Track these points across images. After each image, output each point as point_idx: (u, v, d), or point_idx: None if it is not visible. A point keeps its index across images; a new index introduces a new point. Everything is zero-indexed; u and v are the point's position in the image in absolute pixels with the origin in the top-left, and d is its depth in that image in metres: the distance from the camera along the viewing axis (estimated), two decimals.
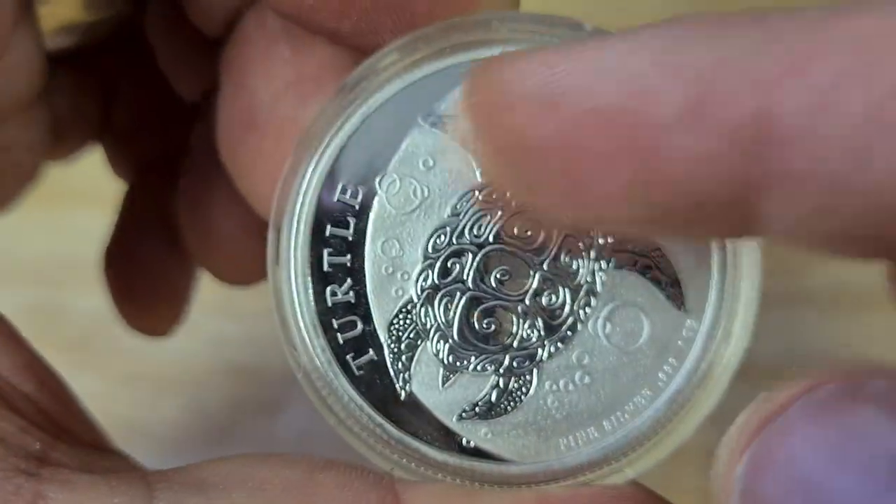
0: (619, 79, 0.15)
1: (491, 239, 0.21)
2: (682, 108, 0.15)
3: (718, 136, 0.15)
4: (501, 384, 0.21)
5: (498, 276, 0.21)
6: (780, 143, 0.15)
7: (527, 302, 0.21)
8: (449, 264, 0.21)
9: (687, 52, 0.15)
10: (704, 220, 0.16)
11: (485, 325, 0.21)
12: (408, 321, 0.21)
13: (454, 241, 0.21)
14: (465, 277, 0.21)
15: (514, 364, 0.21)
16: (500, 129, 0.17)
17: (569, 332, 0.21)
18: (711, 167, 0.15)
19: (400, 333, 0.21)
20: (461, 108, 0.17)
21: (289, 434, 0.40)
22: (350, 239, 0.21)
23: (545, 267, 0.21)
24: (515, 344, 0.21)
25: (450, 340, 0.21)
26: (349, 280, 0.21)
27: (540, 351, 0.21)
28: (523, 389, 0.21)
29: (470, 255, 0.21)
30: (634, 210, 0.16)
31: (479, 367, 0.21)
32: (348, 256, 0.21)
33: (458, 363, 0.21)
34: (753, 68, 0.15)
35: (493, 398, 0.21)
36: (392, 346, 0.21)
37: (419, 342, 0.21)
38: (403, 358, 0.21)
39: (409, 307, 0.21)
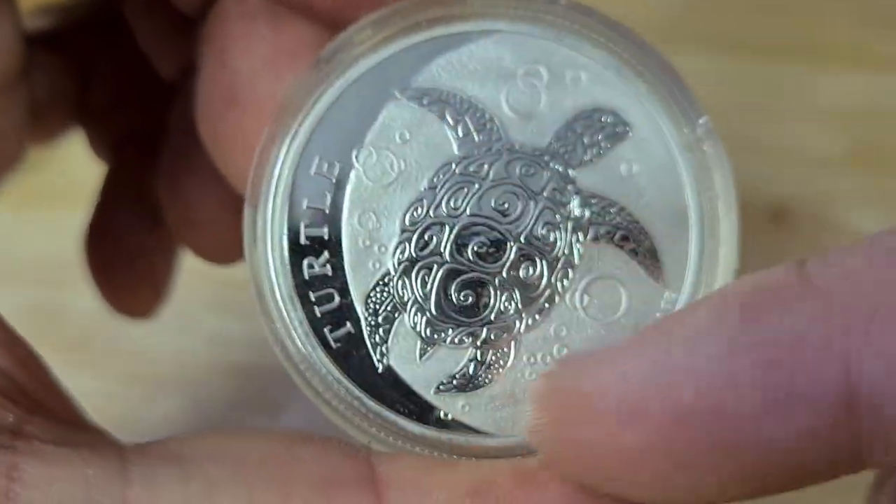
0: (696, 376, 0.15)
1: (468, 212, 0.21)
2: (770, 392, 0.15)
3: (813, 415, 0.15)
4: (479, 357, 0.21)
5: (475, 248, 0.21)
6: (871, 407, 0.15)
7: (504, 274, 0.21)
8: (426, 237, 0.21)
9: (755, 329, 0.15)
10: (811, 479, 0.16)
11: (462, 298, 0.21)
12: (385, 294, 0.21)
13: (431, 213, 0.21)
14: (442, 250, 0.21)
15: (492, 336, 0.21)
16: (585, 446, 0.17)
17: (546, 305, 0.21)
18: (814, 443, 0.15)
19: (377, 306, 0.21)
20: (534, 426, 0.17)
21: None
22: (327, 212, 0.21)
23: (522, 239, 0.21)
24: (493, 317, 0.21)
25: (427, 313, 0.21)
26: (326, 253, 0.21)
27: (517, 323, 0.21)
28: (501, 362, 0.21)
29: (447, 228, 0.21)
30: (740, 491, 0.16)
31: (456, 340, 0.21)
32: (325, 229, 0.21)
33: (435, 336, 0.21)
34: (827, 339, 0.15)
35: (471, 371, 0.21)
36: (369, 318, 0.21)
37: (396, 315, 0.21)
38: (381, 331, 0.21)
39: (386, 280, 0.21)
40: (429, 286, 0.21)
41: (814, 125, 0.44)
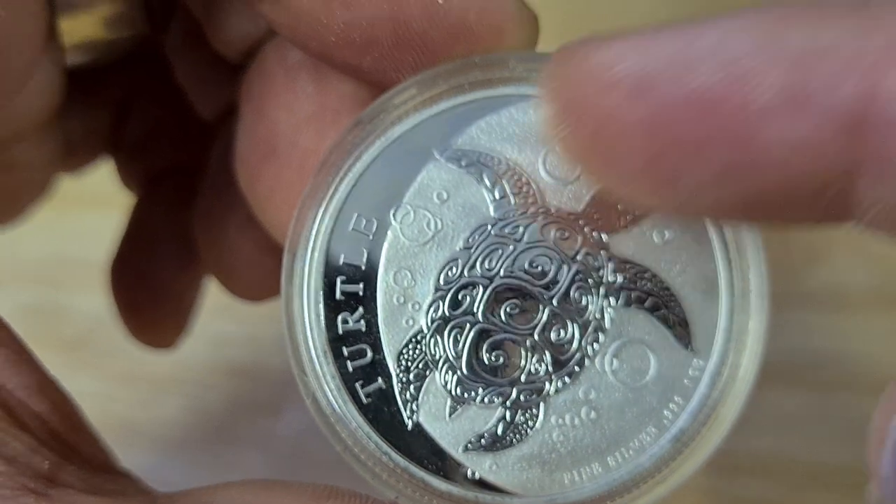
0: (715, 62, 0.15)
1: (502, 273, 0.21)
2: (783, 92, 0.15)
3: (820, 122, 0.14)
4: (508, 417, 0.21)
5: (508, 309, 0.21)
6: (884, 127, 0.14)
7: (535, 336, 0.21)
8: (460, 296, 0.21)
9: (787, 36, 0.15)
10: (793, 206, 0.16)
11: (493, 358, 0.21)
12: (417, 351, 0.21)
13: (466, 273, 0.21)
14: (475, 310, 0.21)
15: (522, 398, 0.21)
16: (586, 115, 0.16)
17: (576, 368, 0.21)
18: (811, 153, 0.15)
19: (409, 363, 0.21)
20: (544, 92, 0.17)
21: (289, 433, 0.40)
22: (363, 268, 0.21)
23: (555, 302, 0.21)
24: (523, 378, 0.21)
25: (458, 372, 0.21)
26: (361, 309, 0.21)
27: (547, 385, 0.21)
28: (529, 423, 0.21)
29: (481, 288, 0.21)
30: (723, 197, 0.16)
31: (486, 400, 0.21)
32: (361, 285, 0.21)
33: (465, 395, 0.21)
34: (857, 53, 0.14)
35: (500, 431, 0.21)
36: (401, 375, 0.21)
37: (428, 373, 0.21)
38: (411, 388, 0.21)
39: (418, 338, 0.21)
40: (460, 345, 0.21)
41: None
